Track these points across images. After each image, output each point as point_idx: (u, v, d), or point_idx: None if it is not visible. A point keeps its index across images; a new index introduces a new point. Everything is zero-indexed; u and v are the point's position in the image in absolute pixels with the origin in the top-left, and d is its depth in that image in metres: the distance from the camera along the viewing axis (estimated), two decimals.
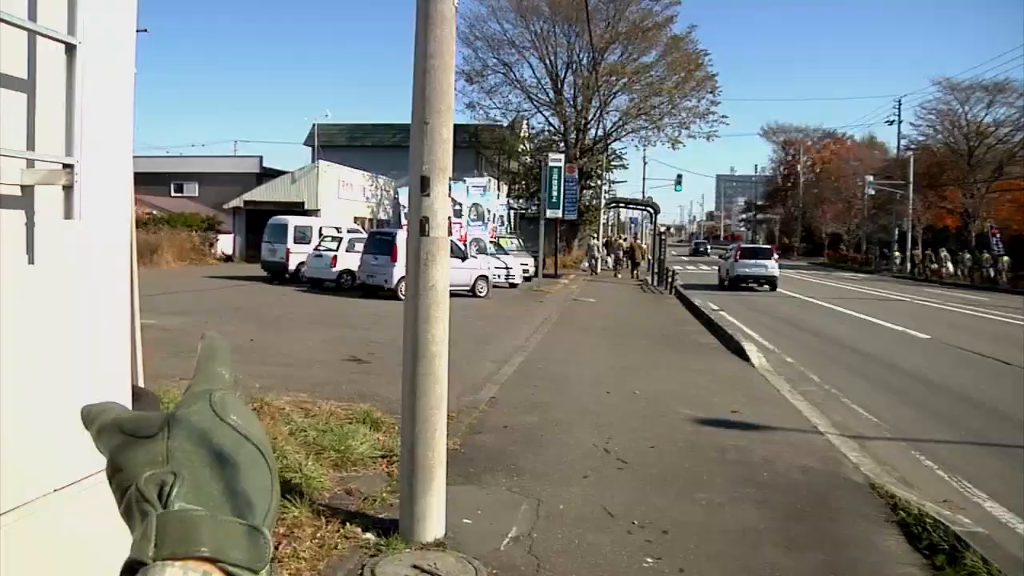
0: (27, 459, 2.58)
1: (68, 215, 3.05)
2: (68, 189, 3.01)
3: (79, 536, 2.93)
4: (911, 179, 52.55)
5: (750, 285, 33.11)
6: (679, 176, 61.78)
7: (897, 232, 54.90)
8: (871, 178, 57.56)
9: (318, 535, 4.95)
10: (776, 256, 34.76)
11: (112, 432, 0.59)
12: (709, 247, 56.92)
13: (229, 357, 0.64)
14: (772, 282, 32.94)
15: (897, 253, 53.58)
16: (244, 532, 0.53)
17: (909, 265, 50.26)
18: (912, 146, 61.33)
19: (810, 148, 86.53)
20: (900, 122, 63.64)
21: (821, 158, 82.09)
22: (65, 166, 2.94)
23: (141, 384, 4.29)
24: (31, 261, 2.89)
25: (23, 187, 2.83)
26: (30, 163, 2.80)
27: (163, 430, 0.57)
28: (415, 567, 4.59)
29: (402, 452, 5.20)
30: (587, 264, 43.21)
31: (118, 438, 0.58)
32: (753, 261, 33.51)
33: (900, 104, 63.87)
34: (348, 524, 5.14)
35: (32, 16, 2.73)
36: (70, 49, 2.85)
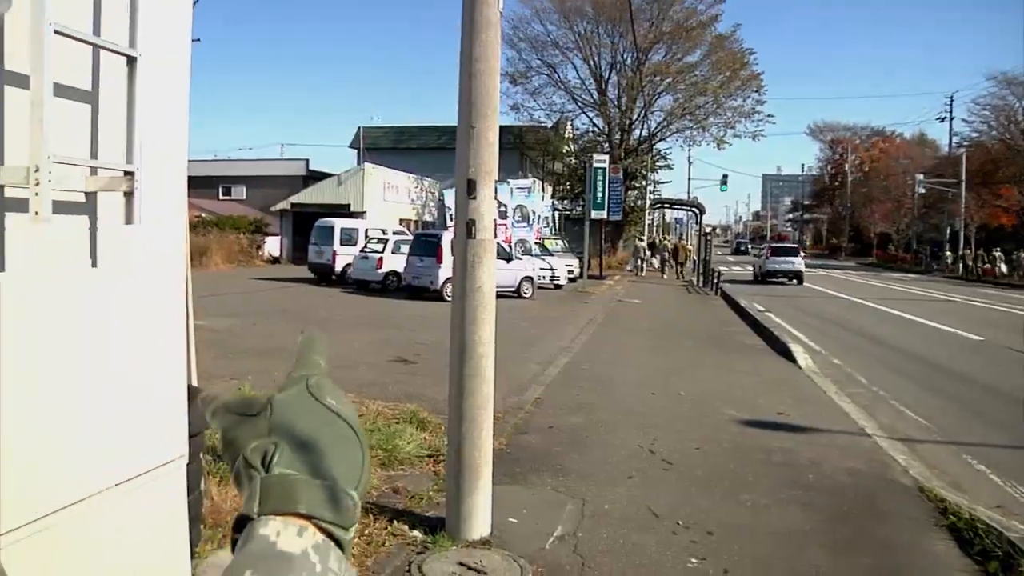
0: (89, 455, 2.70)
1: (129, 220, 3.17)
2: (129, 195, 3.13)
3: (139, 524, 3.05)
4: (963, 177, 51.58)
5: (779, 279, 36.61)
6: (724, 176, 61.44)
7: (949, 231, 53.89)
8: (921, 176, 56.62)
9: (366, 532, 5.05)
10: (802, 254, 38.69)
11: (223, 413, 0.68)
12: (750, 246, 58.30)
13: (326, 348, 0.73)
14: (799, 276, 36.21)
15: (948, 253, 52.54)
16: (334, 495, 0.62)
17: (960, 265, 49.30)
18: (965, 143, 60.22)
19: (858, 147, 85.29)
20: (952, 119, 62.48)
21: (870, 156, 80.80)
22: (126, 173, 3.05)
23: (195, 383, 4.42)
24: (94, 264, 3.01)
25: (87, 193, 2.94)
26: (93, 171, 2.92)
27: (266, 409, 0.65)
28: (461, 564, 4.67)
29: (449, 451, 5.28)
30: (633, 265, 43.15)
31: (229, 418, 0.67)
32: (782, 258, 37.58)
33: (952, 100, 62.68)
34: (395, 522, 5.23)
35: (96, 31, 2.85)
36: (131, 61, 2.96)
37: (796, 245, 44.56)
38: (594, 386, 10.42)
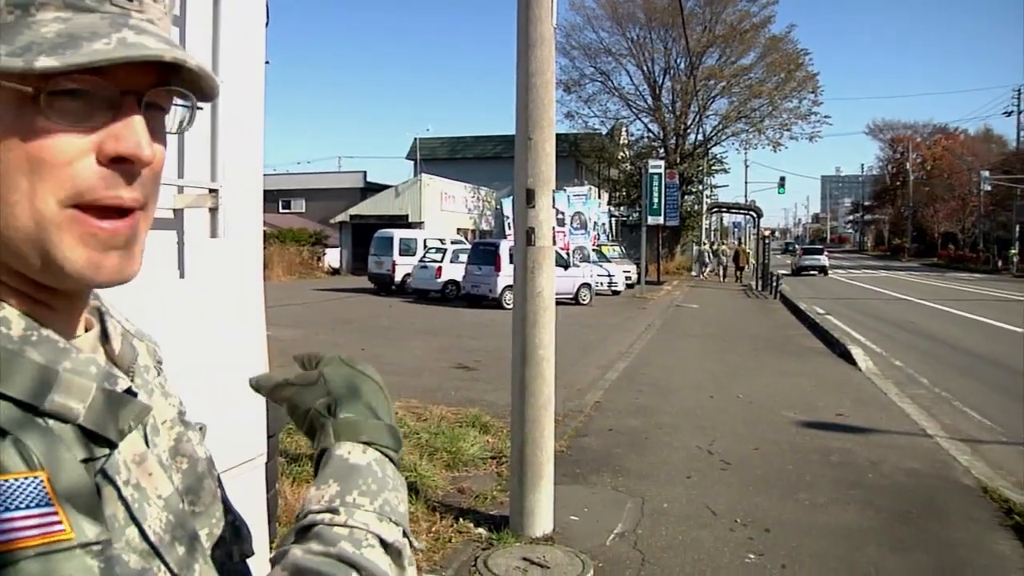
0: None
1: (213, 234, 3.42)
2: (213, 211, 3.38)
3: None
4: None
5: (809, 272, 47.41)
6: (782, 179, 60.67)
7: (1019, 229, 52.54)
8: (987, 173, 55.38)
9: (433, 529, 5.26)
10: (826, 253, 52.90)
11: (285, 386, 0.93)
12: (798, 246, 61.44)
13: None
14: (823, 269, 48.02)
15: (1013, 251, 51.19)
16: (385, 428, 0.87)
17: (1015, 264, 48.01)
18: None
19: (920, 144, 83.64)
20: (1020, 112, 61.00)
21: (932, 154, 79.13)
22: (211, 191, 3.30)
23: None
24: (182, 276, 3.25)
25: (175, 210, 3.18)
26: (180, 189, 3.16)
27: (320, 378, 0.90)
28: (525, 559, 4.84)
29: (512, 451, 5.47)
30: (698, 270, 43.23)
31: (291, 389, 0.92)
32: (811, 256, 50.45)
33: (1020, 93, 61.16)
34: (461, 520, 5.44)
35: None
36: None
37: (821, 246, 62.54)
38: (652, 390, 10.52)
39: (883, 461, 7.24)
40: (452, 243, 27.35)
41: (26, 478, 0.60)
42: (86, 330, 0.79)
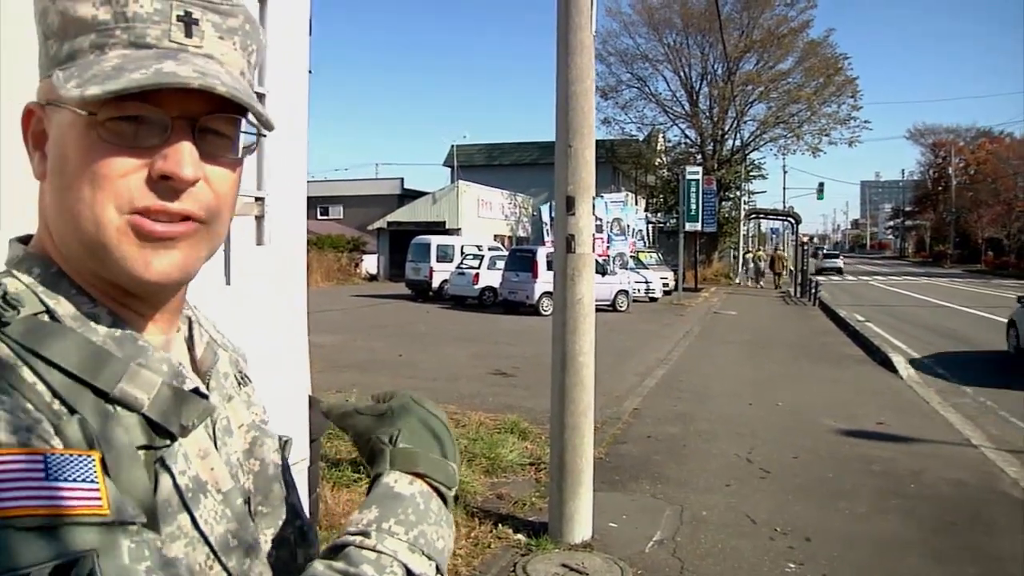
0: None
1: (259, 241, 3.48)
2: (260, 219, 3.44)
3: None
4: None
5: (828, 272, 56.72)
6: (821, 184, 60.29)
7: None
8: None
9: (472, 535, 5.29)
10: (842, 256, 69.00)
11: (354, 415, 0.95)
12: (820, 252, 65.50)
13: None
14: (839, 270, 60.06)
15: None
16: (442, 463, 0.90)
17: None
18: None
19: (963, 149, 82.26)
20: None
21: (976, 159, 77.69)
22: (257, 199, 3.36)
23: (310, 393, 4.73)
24: (228, 282, 3.31)
25: None
26: None
27: (389, 411, 0.93)
28: (564, 566, 4.86)
29: (551, 457, 5.48)
30: (744, 277, 43.19)
31: (359, 418, 0.95)
32: (829, 260, 63.97)
33: None
34: (500, 525, 5.46)
35: None
36: (260, 97, 3.26)
37: (837, 252, 78.78)
38: (691, 397, 10.48)
39: (926, 471, 7.15)
40: (489, 250, 27.43)
41: (81, 455, 0.68)
42: (178, 332, 0.91)
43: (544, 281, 21.27)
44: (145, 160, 0.76)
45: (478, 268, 25.53)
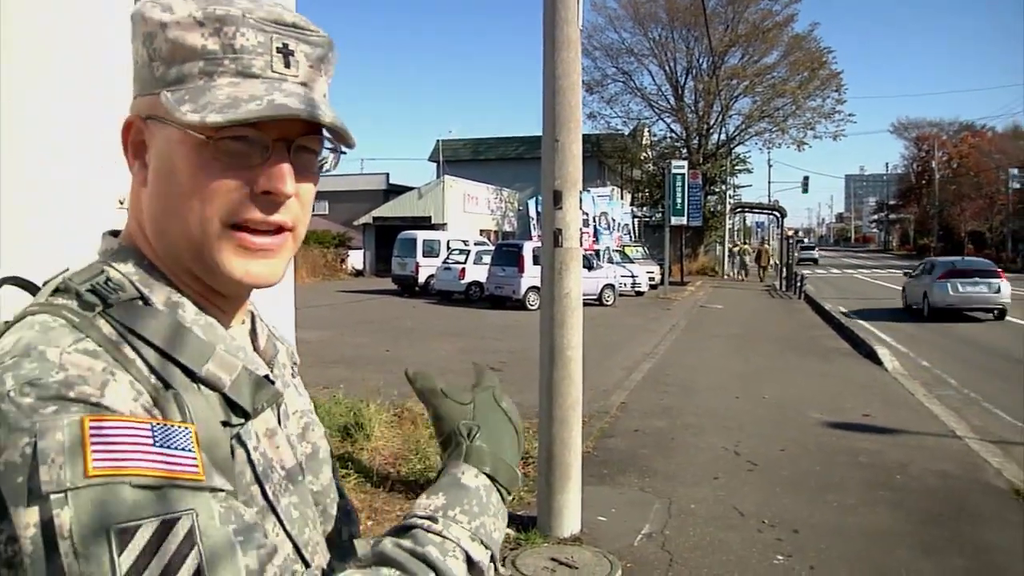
0: None
1: None
2: None
3: None
4: None
5: (806, 263, 57.36)
6: (806, 178, 60.45)
7: None
8: (1016, 171, 54.74)
9: None
10: (817, 248, 73.33)
11: (438, 395, 1.04)
12: (799, 244, 66.88)
13: (494, 374, 1.13)
14: (815, 260, 65.94)
15: None
16: (508, 467, 0.99)
17: None
18: None
19: (946, 142, 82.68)
20: None
21: (958, 152, 78.14)
22: None
23: None
24: None
25: None
26: None
27: (472, 401, 1.03)
28: (553, 559, 4.86)
29: (539, 451, 5.48)
30: (733, 268, 43.37)
31: (442, 400, 1.03)
32: (806, 252, 65.11)
33: None
34: None
35: None
36: None
37: (813, 245, 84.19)
38: (678, 390, 10.51)
39: (912, 462, 7.19)
40: (475, 244, 27.39)
41: (180, 427, 0.78)
42: (243, 324, 1.02)
43: (530, 275, 21.28)
44: (248, 177, 0.86)
45: (464, 263, 25.51)
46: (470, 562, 0.88)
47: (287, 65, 0.88)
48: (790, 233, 40.75)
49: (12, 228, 2.35)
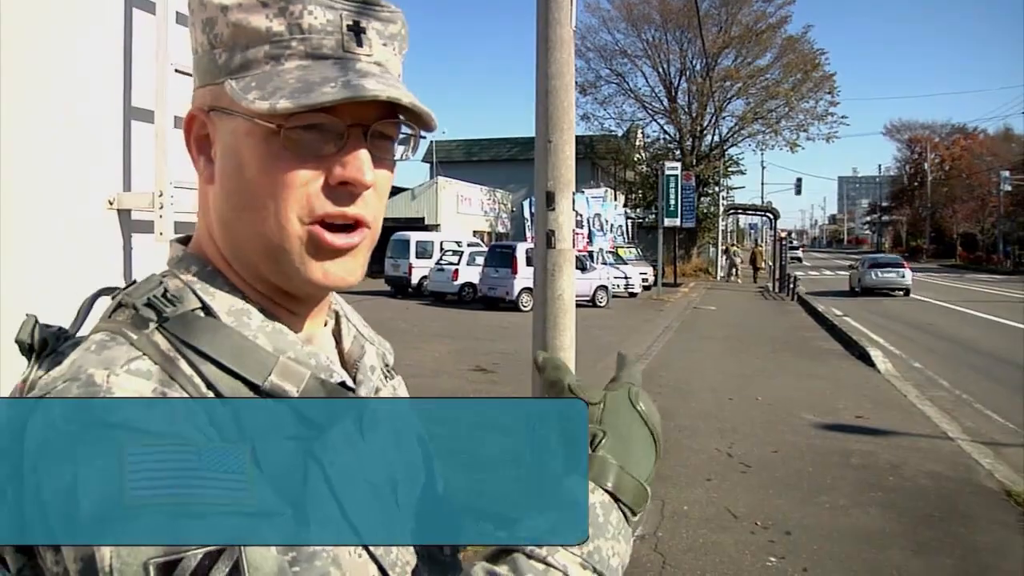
0: None
1: None
2: None
3: None
4: None
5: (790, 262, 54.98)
6: (799, 180, 60.52)
7: None
8: (1007, 173, 54.95)
9: None
10: (802, 248, 71.80)
11: (564, 390, 0.91)
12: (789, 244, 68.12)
13: (639, 366, 0.97)
14: (799, 259, 65.25)
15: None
16: (635, 485, 0.83)
17: None
18: None
19: (938, 145, 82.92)
20: None
21: (951, 155, 78.41)
22: None
23: None
24: None
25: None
26: None
27: (601, 402, 0.88)
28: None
29: None
30: (726, 270, 43.47)
31: (567, 395, 0.90)
32: (792, 251, 59.18)
33: None
34: None
35: None
36: None
37: (799, 245, 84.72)
38: (671, 392, 10.50)
39: (904, 464, 7.21)
40: (468, 245, 27.36)
41: (231, 447, 0.72)
42: (325, 326, 0.97)
43: (524, 277, 21.27)
44: (322, 168, 0.80)
45: (457, 264, 25.47)
46: None
47: (359, 44, 0.83)
48: (783, 235, 40.79)
49: (13, 224, 2.34)
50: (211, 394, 0.77)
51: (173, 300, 0.82)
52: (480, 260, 24.61)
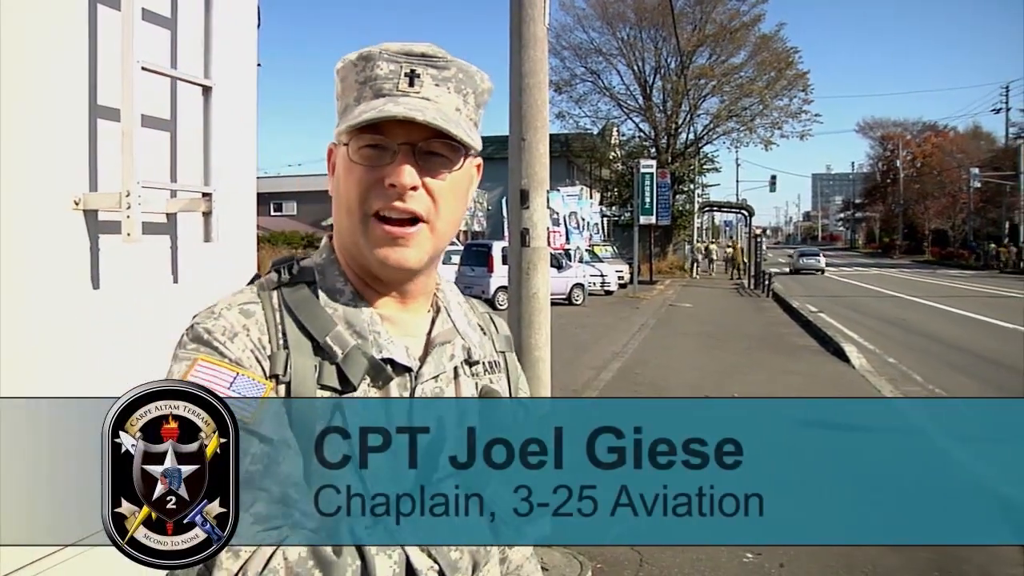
0: None
1: (207, 238, 3.38)
2: (207, 215, 3.35)
3: None
4: (1021, 169, 50.52)
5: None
6: (773, 177, 60.90)
7: (1008, 225, 52.73)
8: (976, 170, 55.56)
9: None
10: (765, 243, 72.74)
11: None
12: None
13: None
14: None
15: (993, 246, 51.26)
16: None
17: (1003, 260, 48.12)
18: (1022, 134, 58.91)
19: (910, 142, 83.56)
20: (1008, 109, 61.24)
21: (922, 152, 78.99)
22: (204, 195, 3.27)
23: None
24: (175, 280, 3.22)
25: (168, 215, 3.15)
26: (173, 193, 3.12)
27: None
28: None
29: None
30: (699, 266, 43.77)
31: None
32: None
33: (1008, 91, 61.36)
34: None
35: (174, 64, 3.06)
36: (206, 91, 3.18)
37: (764, 239, 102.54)
38: (648, 389, 10.51)
39: None
40: None
41: (259, 381, 1.06)
42: (429, 312, 1.26)
43: (499, 275, 21.25)
44: (380, 175, 1.11)
45: None
46: None
47: (411, 84, 1.12)
48: (758, 232, 41.01)
49: (13, 223, 2.30)
50: (282, 340, 1.11)
51: (299, 272, 1.20)
52: (456, 259, 24.56)
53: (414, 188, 1.10)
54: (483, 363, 1.28)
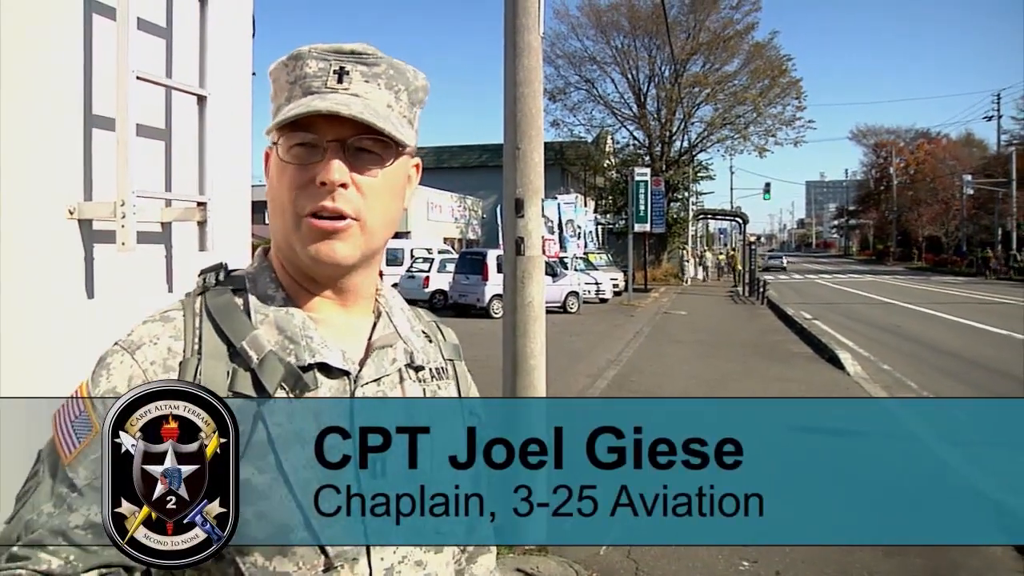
0: None
1: (202, 247, 3.38)
2: (202, 224, 3.35)
3: None
4: (1013, 176, 50.66)
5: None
6: (767, 185, 61.03)
7: (1000, 232, 52.87)
8: (969, 177, 55.65)
9: None
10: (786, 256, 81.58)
11: None
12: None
13: None
14: (782, 267, 69.64)
15: (988, 252, 51.36)
16: None
17: (1006, 266, 48.25)
18: (1014, 141, 59.05)
19: (903, 149, 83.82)
20: (1000, 117, 61.28)
21: (915, 159, 79.22)
22: (199, 204, 3.27)
23: None
24: (170, 290, 3.21)
25: (162, 224, 3.15)
26: (168, 202, 3.12)
27: None
28: (519, 571, 4.83)
29: None
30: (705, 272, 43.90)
31: None
32: (773, 257, 74.08)
33: (999, 98, 61.52)
34: None
35: (169, 73, 3.07)
36: (201, 100, 3.18)
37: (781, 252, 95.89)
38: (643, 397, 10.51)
39: None
40: (439, 252, 27.28)
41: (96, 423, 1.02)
42: (370, 317, 1.25)
43: (494, 283, 21.25)
44: (311, 174, 1.08)
45: (428, 271, 25.38)
46: None
47: (340, 81, 1.10)
48: (752, 239, 41.05)
49: (12, 222, 2.30)
50: (198, 346, 1.08)
51: (224, 279, 1.17)
52: (451, 267, 24.55)
53: (344, 185, 1.08)
54: (429, 369, 1.27)
